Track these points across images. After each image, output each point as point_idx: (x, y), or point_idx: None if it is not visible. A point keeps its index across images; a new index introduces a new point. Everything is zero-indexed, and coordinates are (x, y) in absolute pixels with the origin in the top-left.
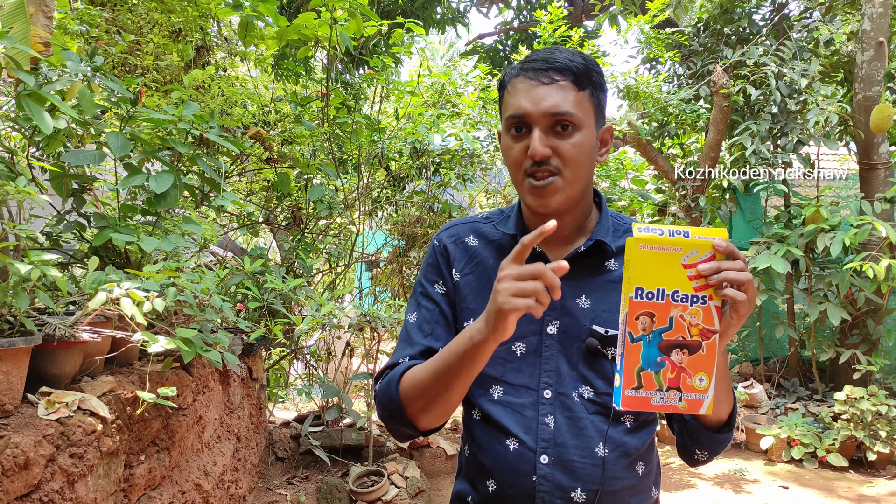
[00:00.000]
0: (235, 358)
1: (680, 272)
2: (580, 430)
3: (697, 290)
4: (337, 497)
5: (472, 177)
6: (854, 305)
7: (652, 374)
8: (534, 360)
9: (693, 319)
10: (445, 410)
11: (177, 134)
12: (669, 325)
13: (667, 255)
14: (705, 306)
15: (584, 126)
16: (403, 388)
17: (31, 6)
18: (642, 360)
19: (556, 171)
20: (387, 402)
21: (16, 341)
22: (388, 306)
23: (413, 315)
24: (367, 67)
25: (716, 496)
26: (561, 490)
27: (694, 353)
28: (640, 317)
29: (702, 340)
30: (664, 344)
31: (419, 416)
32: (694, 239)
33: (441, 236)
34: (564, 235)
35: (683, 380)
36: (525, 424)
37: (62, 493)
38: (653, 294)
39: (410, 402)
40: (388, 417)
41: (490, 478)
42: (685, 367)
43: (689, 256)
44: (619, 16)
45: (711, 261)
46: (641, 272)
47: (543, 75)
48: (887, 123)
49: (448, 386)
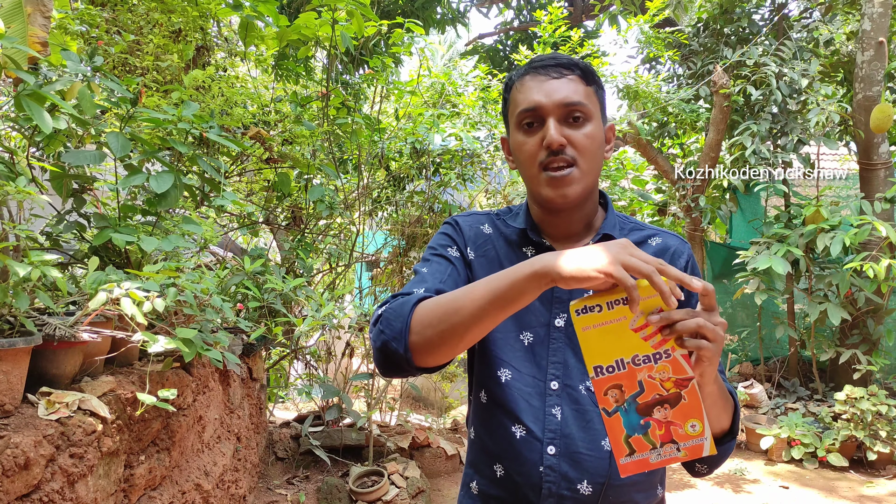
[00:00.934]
0: (235, 358)
1: (632, 337)
2: (587, 423)
3: (657, 346)
4: (337, 497)
5: (472, 177)
6: (854, 305)
7: (641, 437)
8: (541, 351)
9: (663, 375)
10: (455, 345)
11: (177, 134)
12: (640, 388)
13: (612, 327)
14: (671, 359)
15: (593, 118)
16: (422, 313)
17: (29, 6)
18: (626, 428)
19: (573, 160)
20: (394, 319)
21: (16, 341)
22: None
23: (424, 268)
24: (367, 67)
25: (716, 496)
26: (567, 481)
27: (676, 404)
28: (609, 391)
29: (680, 391)
30: (642, 407)
31: (424, 349)
32: (638, 301)
33: (456, 218)
34: (573, 233)
35: (675, 431)
36: (532, 413)
37: (62, 493)
38: (613, 367)
39: (424, 329)
40: (389, 338)
41: (497, 462)
42: (671, 420)
43: (635, 321)
44: (619, 16)
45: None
46: (594, 351)
47: (553, 70)
48: (887, 123)
49: (480, 320)
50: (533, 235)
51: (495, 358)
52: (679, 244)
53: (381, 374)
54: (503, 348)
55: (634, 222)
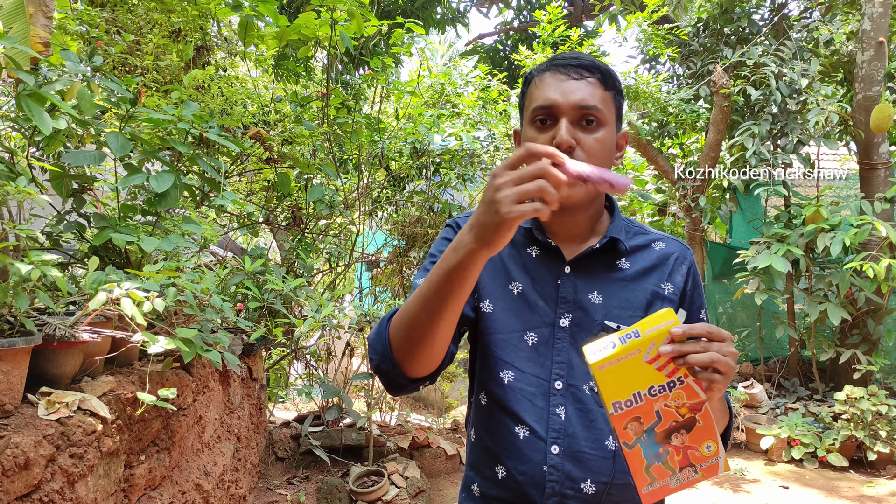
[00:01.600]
0: (235, 358)
1: (647, 369)
2: (591, 423)
3: (670, 375)
4: (337, 497)
5: (472, 177)
6: (854, 305)
7: (660, 466)
8: (545, 351)
9: (678, 402)
10: (431, 349)
11: (177, 134)
12: (658, 418)
13: (628, 362)
14: (684, 385)
15: (607, 123)
16: (392, 326)
17: (31, 6)
18: (645, 458)
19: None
20: (376, 344)
21: (16, 341)
22: (388, 306)
23: (421, 279)
24: (367, 67)
25: (716, 496)
26: (571, 481)
27: (692, 428)
28: (628, 425)
29: (694, 415)
30: (660, 436)
31: (406, 358)
32: (646, 335)
33: (458, 220)
34: (578, 234)
35: (692, 455)
36: (536, 413)
37: (62, 493)
38: (631, 401)
39: (398, 341)
40: (378, 361)
41: (499, 463)
42: (688, 444)
43: (649, 352)
44: (619, 15)
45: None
46: (611, 389)
47: (574, 71)
48: (887, 123)
49: (433, 314)
50: (539, 235)
51: (498, 360)
52: (682, 251)
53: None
54: (506, 349)
55: (639, 226)
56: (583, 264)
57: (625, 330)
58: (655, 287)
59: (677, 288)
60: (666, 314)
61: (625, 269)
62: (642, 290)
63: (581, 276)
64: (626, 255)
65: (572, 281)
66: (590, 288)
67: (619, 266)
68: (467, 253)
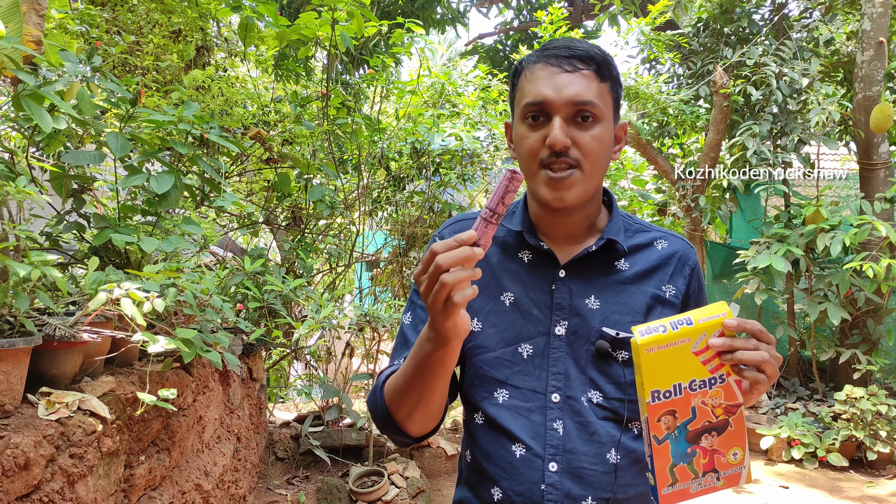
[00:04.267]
0: (235, 358)
1: (693, 361)
2: (591, 436)
3: (713, 371)
4: (337, 497)
5: (472, 177)
6: (854, 305)
7: (685, 466)
8: (541, 363)
9: (715, 401)
10: (429, 415)
11: (177, 134)
12: (693, 415)
13: (675, 349)
14: (724, 384)
15: (604, 118)
16: (387, 395)
17: (25, 4)
18: (672, 457)
19: (576, 163)
20: (374, 410)
21: (16, 341)
22: (388, 306)
23: (408, 316)
24: (368, 67)
25: (716, 496)
26: (571, 499)
27: (723, 432)
28: (662, 418)
29: (728, 417)
30: (691, 434)
31: (406, 423)
32: (698, 324)
33: (443, 232)
34: (574, 234)
35: (717, 460)
36: (532, 430)
37: (62, 493)
38: (670, 392)
39: (395, 409)
40: (380, 426)
41: (495, 485)
42: (717, 448)
43: (699, 343)
44: (619, 16)
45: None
46: (654, 375)
47: (566, 62)
48: (887, 123)
49: (423, 391)
50: (530, 238)
51: (491, 379)
52: (685, 249)
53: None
54: (498, 368)
55: (640, 223)
56: (578, 267)
57: (677, 316)
58: (656, 290)
59: (679, 291)
60: (720, 306)
61: (624, 271)
62: (642, 293)
63: (577, 280)
64: (626, 256)
65: (568, 286)
66: (586, 293)
67: (618, 268)
68: (426, 349)
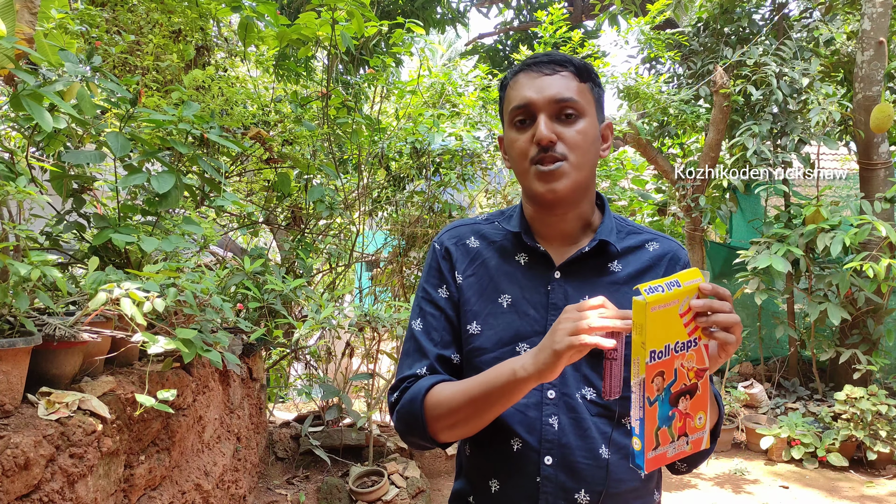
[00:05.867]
0: (235, 358)
1: (678, 323)
2: (584, 432)
3: (690, 334)
4: (337, 497)
5: (472, 177)
6: (854, 305)
7: (666, 430)
8: None
9: (689, 364)
10: (473, 429)
11: (177, 134)
12: (675, 377)
13: (669, 310)
14: (696, 347)
15: (587, 114)
16: (429, 405)
17: (17, 2)
18: (659, 419)
19: (563, 156)
20: (408, 418)
21: (16, 341)
22: (388, 306)
23: (418, 322)
24: (368, 67)
25: (716, 496)
26: (565, 491)
27: (693, 395)
28: (655, 378)
29: (697, 381)
30: (673, 397)
31: (443, 433)
32: (685, 286)
33: (442, 238)
34: (568, 233)
35: (688, 423)
36: (529, 424)
37: (62, 493)
38: (662, 353)
39: (436, 419)
40: (406, 432)
41: (493, 477)
42: (689, 412)
43: (684, 304)
44: (619, 16)
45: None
46: (654, 335)
47: (546, 67)
48: (887, 123)
49: (482, 412)
50: (527, 240)
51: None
52: (676, 249)
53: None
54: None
55: (632, 225)
56: (573, 269)
57: (667, 278)
58: None
59: None
60: (694, 272)
61: (617, 272)
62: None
63: (571, 281)
64: (619, 258)
65: (563, 286)
66: (581, 293)
67: (611, 269)
68: (517, 378)
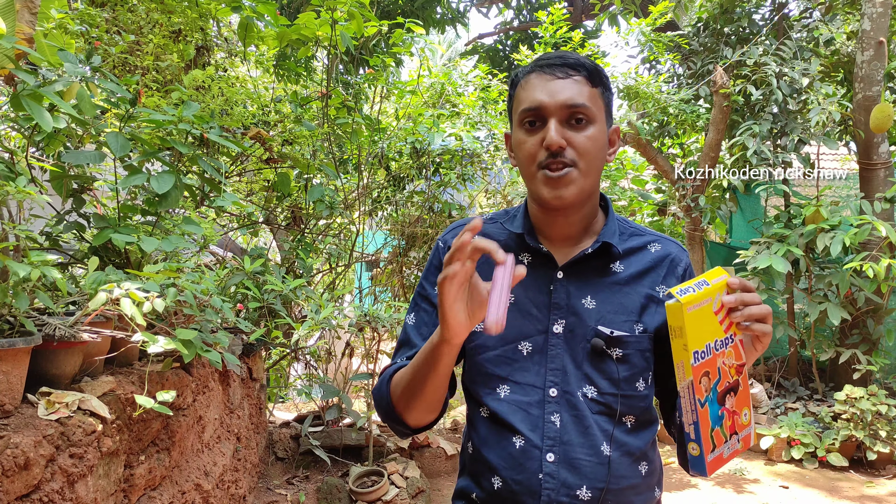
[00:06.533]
0: (235, 358)
1: (713, 320)
2: (586, 429)
3: (726, 330)
4: (337, 497)
5: (472, 177)
6: (854, 305)
7: (719, 430)
8: (540, 359)
9: (729, 360)
10: (427, 408)
11: (177, 134)
12: (719, 375)
13: (704, 309)
14: (733, 344)
15: (597, 120)
16: (392, 387)
17: (18, 2)
18: (711, 420)
19: (571, 163)
20: (379, 400)
21: (16, 341)
22: (388, 306)
23: (412, 316)
24: (368, 67)
25: (717, 496)
26: (567, 488)
27: (737, 392)
28: (702, 379)
29: (738, 377)
30: (720, 395)
31: (406, 414)
32: (713, 284)
33: (446, 237)
34: (572, 235)
35: (736, 421)
36: (531, 422)
37: (62, 493)
38: (704, 353)
39: (397, 400)
40: (383, 416)
41: (495, 475)
42: (735, 409)
43: (717, 302)
44: (619, 16)
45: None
46: (695, 335)
47: (559, 70)
48: (887, 123)
49: (422, 385)
50: (530, 240)
51: (493, 376)
52: (678, 251)
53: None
54: (500, 365)
55: (635, 227)
56: (575, 269)
57: (693, 279)
58: (650, 290)
59: None
60: (718, 270)
61: (619, 273)
62: (637, 293)
63: (574, 281)
64: (621, 259)
65: (565, 286)
66: (583, 293)
67: (613, 270)
68: (433, 344)
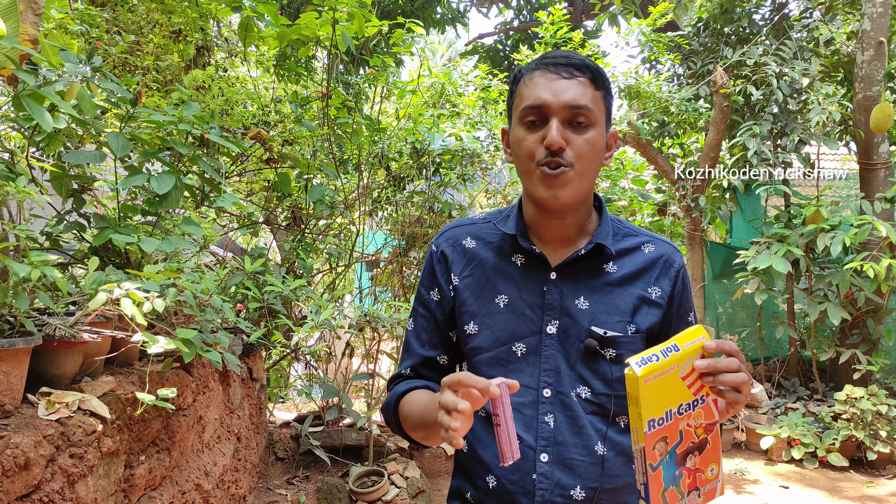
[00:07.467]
0: (235, 358)
1: (680, 386)
2: (579, 429)
3: (696, 393)
4: (337, 497)
5: (473, 177)
6: (854, 305)
7: (674, 489)
8: (534, 360)
9: (697, 421)
10: (438, 439)
11: (177, 134)
12: (680, 438)
13: (668, 377)
14: (704, 404)
15: (597, 123)
16: (400, 415)
17: (21, 3)
18: (664, 481)
19: (569, 163)
20: (388, 421)
21: (16, 341)
22: (388, 306)
23: (411, 322)
24: (368, 67)
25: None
26: (561, 488)
27: (703, 450)
28: (657, 445)
29: (707, 436)
30: (679, 457)
31: (416, 436)
32: (684, 349)
33: (438, 241)
34: (566, 236)
35: (698, 478)
36: (525, 423)
37: (62, 493)
38: (662, 419)
39: (407, 427)
40: (393, 431)
41: (490, 474)
42: (698, 466)
43: (685, 368)
44: (619, 16)
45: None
46: (651, 405)
47: (564, 70)
48: (887, 123)
49: (428, 432)
50: (523, 242)
51: (488, 378)
52: (672, 252)
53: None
54: (494, 367)
55: (629, 227)
56: (568, 270)
57: (664, 344)
58: (642, 291)
59: (665, 292)
60: (697, 330)
61: (612, 274)
62: (629, 294)
63: (567, 282)
64: (614, 259)
65: (558, 287)
66: (576, 294)
67: (606, 270)
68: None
